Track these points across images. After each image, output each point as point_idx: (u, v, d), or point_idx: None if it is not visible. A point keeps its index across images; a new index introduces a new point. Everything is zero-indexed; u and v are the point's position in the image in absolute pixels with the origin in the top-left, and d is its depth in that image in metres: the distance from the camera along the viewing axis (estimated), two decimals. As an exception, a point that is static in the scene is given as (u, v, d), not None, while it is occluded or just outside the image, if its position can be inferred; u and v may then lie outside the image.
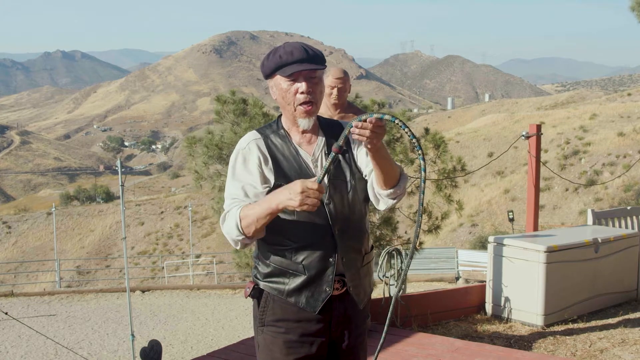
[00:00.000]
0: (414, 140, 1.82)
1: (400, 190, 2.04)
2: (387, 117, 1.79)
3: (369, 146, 1.84)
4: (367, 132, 1.78)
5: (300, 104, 1.99)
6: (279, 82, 2.00)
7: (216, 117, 8.03)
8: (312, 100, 1.99)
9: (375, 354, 2.08)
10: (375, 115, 1.78)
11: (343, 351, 2.12)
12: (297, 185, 1.80)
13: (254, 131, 2.11)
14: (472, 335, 5.29)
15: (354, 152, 2.11)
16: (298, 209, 1.81)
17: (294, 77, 1.97)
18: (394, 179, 2.00)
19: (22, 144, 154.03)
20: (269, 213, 1.88)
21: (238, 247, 2.01)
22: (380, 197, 2.05)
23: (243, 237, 1.94)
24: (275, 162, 2.02)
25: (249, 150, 2.04)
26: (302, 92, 1.97)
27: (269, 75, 2.03)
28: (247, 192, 2.00)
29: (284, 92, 2.00)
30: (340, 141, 1.85)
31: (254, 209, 1.90)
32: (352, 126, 1.81)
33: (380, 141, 1.84)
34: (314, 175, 2.01)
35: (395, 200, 2.05)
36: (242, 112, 7.75)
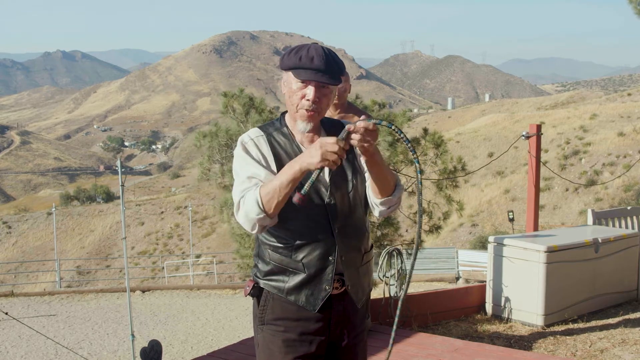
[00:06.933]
0: (409, 145, 1.85)
1: (395, 200, 2.06)
2: (384, 123, 1.80)
3: (360, 150, 1.86)
4: (357, 137, 1.80)
5: (304, 108, 1.99)
6: (291, 80, 2.00)
7: (223, 109, 8.06)
8: (316, 110, 1.99)
9: (387, 355, 2.09)
10: (372, 121, 1.79)
11: (342, 350, 2.12)
12: (316, 144, 1.80)
13: (256, 128, 2.11)
14: (472, 335, 5.29)
15: (358, 151, 2.11)
16: (319, 165, 1.78)
17: (305, 82, 1.97)
18: (388, 188, 2.03)
19: (22, 144, 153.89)
20: (292, 179, 1.84)
21: (255, 230, 1.93)
22: (375, 205, 2.08)
23: (264, 215, 1.88)
24: (278, 159, 2.01)
25: (253, 145, 2.04)
26: (307, 99, 1.97)
27: (284, 68, 2.03)
28: (259, 174, 1.97)
29: (292, 92, 2.00)
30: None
31: (274, 181, 1.87)
32: (347, 131, 1.81)
33: (373, 147, 1.85)
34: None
35: (389, 209, 2.07)
36: (248, 108, 7.79)
